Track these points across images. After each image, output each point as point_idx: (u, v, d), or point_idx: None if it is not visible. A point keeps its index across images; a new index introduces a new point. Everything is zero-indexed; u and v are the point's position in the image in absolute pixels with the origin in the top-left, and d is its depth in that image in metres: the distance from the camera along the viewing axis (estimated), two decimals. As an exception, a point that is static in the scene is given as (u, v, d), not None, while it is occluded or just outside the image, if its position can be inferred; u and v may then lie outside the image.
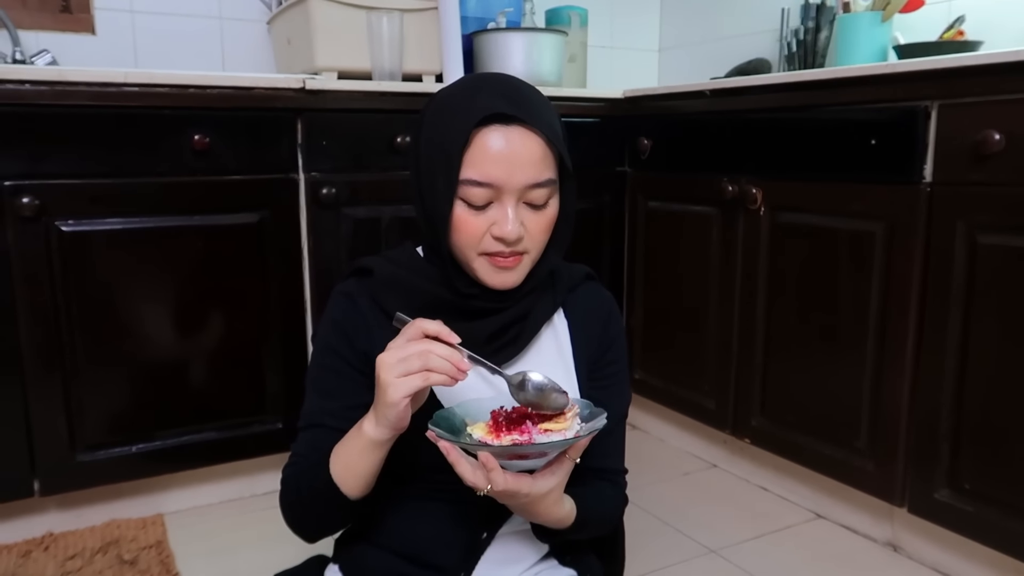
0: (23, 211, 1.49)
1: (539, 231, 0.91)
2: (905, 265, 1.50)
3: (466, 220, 0.88)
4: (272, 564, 1.11)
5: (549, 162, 0.89)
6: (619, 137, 2.18)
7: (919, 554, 1.60)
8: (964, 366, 1.42)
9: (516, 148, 0.86)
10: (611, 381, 1.03)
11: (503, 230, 0.87)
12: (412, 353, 0.78)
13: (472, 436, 0.83)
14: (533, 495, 0.82)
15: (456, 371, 0.79)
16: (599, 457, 1.00)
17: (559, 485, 0.84)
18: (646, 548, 1.64)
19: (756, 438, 1.86)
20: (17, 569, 1.52)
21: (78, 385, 1.59)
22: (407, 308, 0.93)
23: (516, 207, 0.88)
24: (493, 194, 0.87)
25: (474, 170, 0.86)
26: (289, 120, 1.73)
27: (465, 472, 0.80)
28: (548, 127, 0.88)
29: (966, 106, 1.38)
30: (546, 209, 0.90)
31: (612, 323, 1.05)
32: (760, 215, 1.79)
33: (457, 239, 0.90)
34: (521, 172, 0.86)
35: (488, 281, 0.91)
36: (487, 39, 2.14)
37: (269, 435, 1.79)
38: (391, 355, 0.79)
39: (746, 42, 2.46)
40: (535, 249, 0.92)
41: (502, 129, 0.86)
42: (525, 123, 0.86)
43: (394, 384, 0.78)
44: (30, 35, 1.96)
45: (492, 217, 0.88)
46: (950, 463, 1.45)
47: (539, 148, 0.87)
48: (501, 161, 0.85)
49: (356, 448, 0.86)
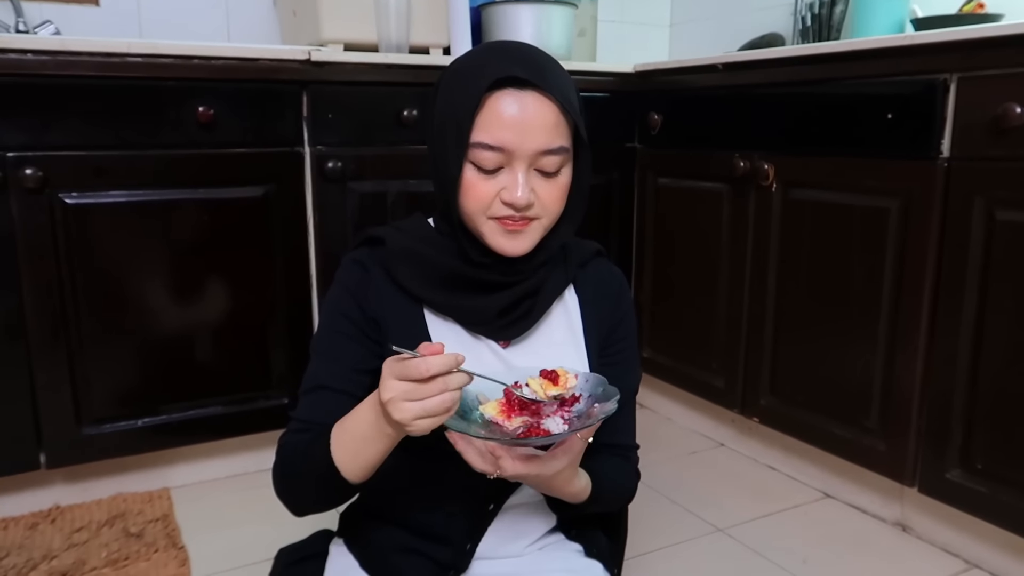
0: (26, 183, 1.48)
1: (551, 199, 0.89)
2: (920, 242, 1.47)
3: (475, 184, 0.87)
4: (277, 539, 1.11)
5: (563, 130, 0.87)
6: (629, 112, 2.15)
7: (929, 534, 1.59)
8: (979, 345, 1.40)
9: (529, 113, 0.84)
10: (621, 358, 1.02)
11: (512, 196, 0.85)
12: (429, 395, 0.73)
13: (484, 415, 0.81)
14: (544, 476, 0.82)
15: None
16: (610, 433, 0.99)
17: (571, 464, 0.84)
18: (653, 526, 1.64)
19: (765, 417, 1.85)
20: (24, 541, 1.52)
21: (83, 359, 1.58)
22: (418, 279, 0.91)
23: (527, 173, 0.86)
24: (504, 159, 0.85)
25: (485, 133, 0.84)
26: (295, 93, 1.70)
27: (474, 460, 0.80)
28: (563, 95, 0.86)
29: (985, 79, 1.35)
30: (558, 177, 0.89)
31: (623, 300, 1.04)
32: (772, 192, 1.76)
33: (466, 203, 0.88)
34: (533, 137, 0.84)
35: (497, 245, 0.89)
36: (495, 11, 2.11)
37: (275, 410, 1.78)
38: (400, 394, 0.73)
39: (759, 16, 2.41)
40: (547, 217, 0.90)
41: (515, 93, 0.84)
42: (539, 88, 0.85)
43: (414, 426, 0.74)
44: (33, 6, 1.94)
45: (502, 182, 0.86)
46: (962, 443, 1.44)
47: (552, 115, 0.85)
48: (513, 126, 0.84)
49: (363, 437, 0.82)
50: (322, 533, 1.10)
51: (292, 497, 0.94)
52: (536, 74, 0.85)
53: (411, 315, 0.93)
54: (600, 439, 0.99)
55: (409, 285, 0.92)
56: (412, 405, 0.73)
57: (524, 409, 0.80)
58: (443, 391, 0.73)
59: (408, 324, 0.93)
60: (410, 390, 0.73)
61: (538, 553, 0.99)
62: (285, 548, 1.08)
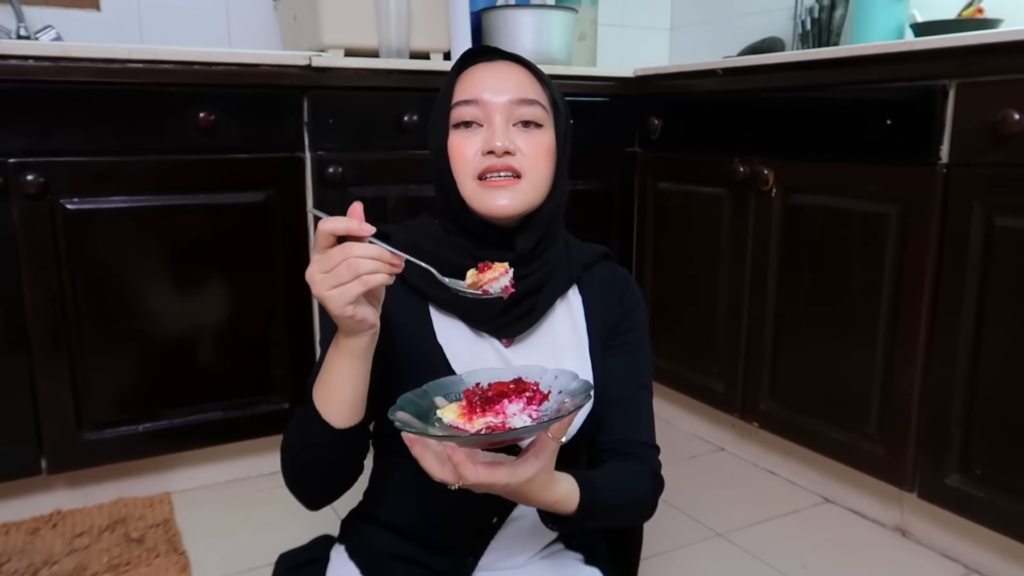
0: (28, 188, 1.48)
1: (533, 152, 0.90)
2: (919, 247, 1.47)
3: (459, 144, 0.91)
4: (278, 544, 1.11)
5: (537, 90, 0.92)
6: (629, 117, 2.15)
7: (928, 539, 1.59)
8: (978, 350, 1.40)
9: (501, 71, 0.92)
10: (630, 347, 1.00)
11: (491, 142, 0.88)
12: (337, 263, 0.72)
13: (441, 421, 0.74)
14: (513, 484, 0.72)
15: (390, 267, 0.75)
16: (626, 430, 0.96)
17: (543, 469, 0.74)
18: (653, 531, 1.63)
19: (765, 422, 1.85)
20: (25, 546, 1.53)
21: (84, 364, 1.59)
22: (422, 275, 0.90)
23: (506, 126, 0.90)
24: (481, 113, 0.90)
25: (462, 92, 0.91)
26: (295, 98, 1.71)
27: (432, 468, 0.72)
28: (535, 69, 0.94)
29: (985, 85, 1.35)
30: (539, 132, 0.92)
31: (628, 294, 1.02)
32: (772, 196, 1.76)
33: (454, 165, 0.91)
34: (505, 87, 0.90)
35: (482, 204, 0.89)
36: (496, 16, 2.11)
37: (275, 415, 1.78)
38: (314, 267, 0.74)
39: (759, 20, 2.42)
40: (532, 174, 0.90)
41: (488, 63, 0.93)
42: (510, 59, 0.94)
43: (330, 297, 0.73)
44: (34, 11, 1.94)
45: (484, 138, 0.90)
46: (961, 448, 1.44)
47: (524, 76, 0.93)
48: (486, 81, 0.91)
49: (331, 364, 0.80)
50: (323, 539, 1.10)
51: (298, 479, 0.90)
52: (504, 51, 0.95)
53: (416, 311, 0.94)
54: (610, 434, 0.95)
55: (413, 280, 0.92)
56: (323, 276, 0.73)
57: (487, 410, 0.73)
58: (347, 257, 0.72)
59: (413, 320, 0.93)
60: (319, 259, 0.74)
61: (540, 563, 0.98)
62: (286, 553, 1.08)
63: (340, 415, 0.81)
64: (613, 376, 0.97)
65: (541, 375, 0.78)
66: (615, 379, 0.97)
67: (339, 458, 0.86)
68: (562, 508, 0.81)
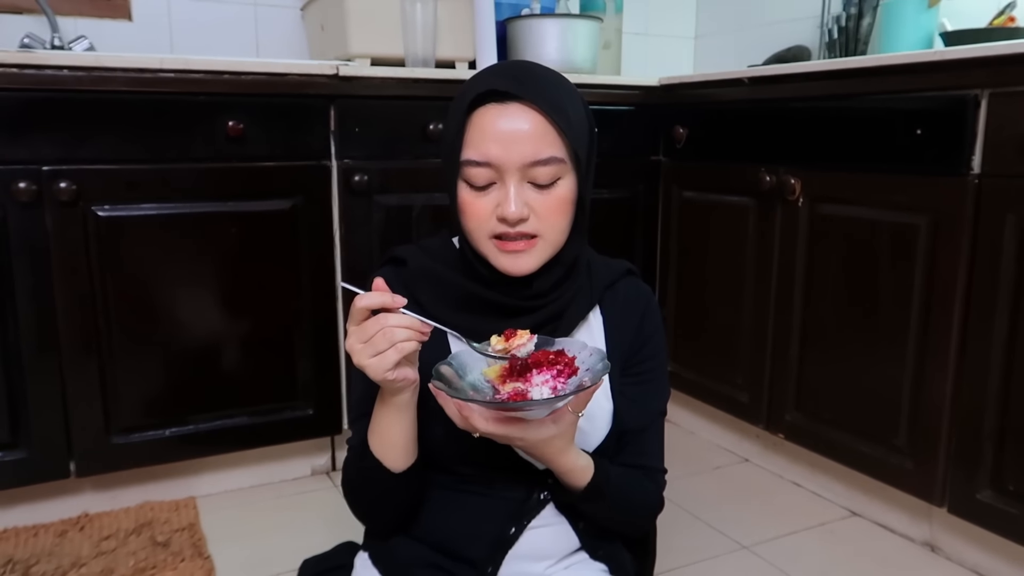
0: (61, 196, 1.51)
1: (548, 212, 0.88)
2: (950, 259, 1.45)
3: (471, 203, 0.88)
4: (302, 549, 1.12)
5: (552, 139, 0.86)
6: (654, 126, 2.15)
7: (959, 555, 1.56)
8: (1010, 363, 1.38)
9: (513, 125, 0.85)
10: (648, 377, 1.01)
11: (505, 210, 0.86)
12: (373, 334, 0.79)
13: (485, 376, 0.83)
14: (529, 441, 0.81)
15: (420, 335, 0.81)
16: (635, 455, 0.99)
17: (561, 435, 0.83)
18: (676, 543, 1.62)
19: (790, 433, 1.83)
20: (54, 548, 1.54)
21: (113, 369, 1.61)
22: (441, 301, 0.92)
23: (519, 186, 0.86)
24: (494, 174, 0.86)
25: (472, 150, 0.86)
26: (322, 107, 1.72)
27: (454, 416, 0.81)
28: (552, 106, 0.85)
29: (1017, 95, 1.33)
30: (554, 189, 0.88)
31: (649, 318, 1.03)
32: (798, 206, 1.75)
33: (466, 223, 0.90)
34: (519, 149, 0.84)
35: (499, 265, 0.89)
36: (521, 25, 2.12)
37: (300, 421, 1.79)
38: (352, 339, 0.81)
39: (785, 29, 2.40)
40: (549, 232, 0.89)
41: (497, 107, 0.85)
42: (521, 99, 0.85)
43: (369, 365, 0.80)
44: (68, 21, 1.98)
45: (497, 198, 0.87)
46: (993, 463, 1.41)
47: (539, 124, 0.85)
48: (497, 139, 0.85)
49: (381, 419, 0.88)
50: (347, 545, 1.11)
51: (363, 510, 0.99)
52: (518, 86, 0.85)
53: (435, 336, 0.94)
54: (624, 459, 0.99)
55: (430, 307, 0.92)
56: (362, 346, 0.79)
57: (519, 377, 0.81)
58: (382, 327, 0.79)
59: (432, 345, 0.93)
60: (356, 331, 0.80)
61: (563, 572, 0.98)
62: (309, 559, 1.09)
63: (397, 459, 0.90)
64: (629, 404, 0.99)
65: (580, 350, 0.84)
66: (630, 407, 0.99)
67: (407, 495, 0.95)
68: (574, 480, 0.90)
